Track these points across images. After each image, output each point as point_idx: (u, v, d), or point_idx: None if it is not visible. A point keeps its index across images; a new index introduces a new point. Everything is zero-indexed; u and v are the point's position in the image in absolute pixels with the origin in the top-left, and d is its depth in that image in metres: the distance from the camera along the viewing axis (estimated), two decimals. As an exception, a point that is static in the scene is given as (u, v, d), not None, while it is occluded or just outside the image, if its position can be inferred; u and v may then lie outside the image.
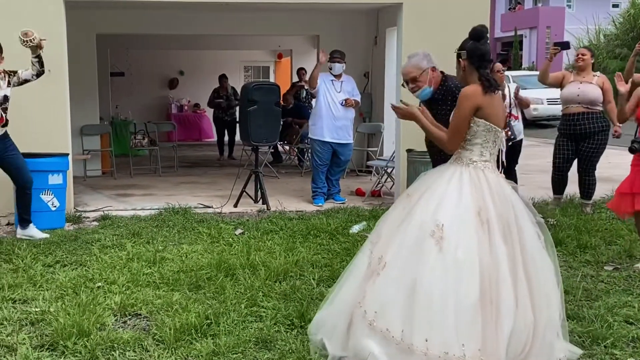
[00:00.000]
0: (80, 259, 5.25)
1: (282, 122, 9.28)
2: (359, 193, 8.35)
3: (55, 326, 3.76)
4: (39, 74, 5.91)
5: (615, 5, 32.18)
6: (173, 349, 3.57)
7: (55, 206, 6.43)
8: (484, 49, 3.44)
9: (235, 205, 7.45)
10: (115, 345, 3.60)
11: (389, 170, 8.35)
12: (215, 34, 11.90)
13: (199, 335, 3.72)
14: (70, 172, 6.94)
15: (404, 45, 7.32)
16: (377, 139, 9.93)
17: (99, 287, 4.56)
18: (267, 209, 7.28)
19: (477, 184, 3.27)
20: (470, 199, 3.21)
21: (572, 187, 7.36)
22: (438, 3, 7.53)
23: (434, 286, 3.07)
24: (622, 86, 5.56)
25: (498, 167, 3.48)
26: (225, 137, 12.86)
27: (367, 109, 10.28)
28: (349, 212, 7.01)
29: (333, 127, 7.74)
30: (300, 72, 12.44)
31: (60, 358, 3.49)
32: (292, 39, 13.65)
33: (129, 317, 4.08)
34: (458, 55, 3.49)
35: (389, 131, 9.39)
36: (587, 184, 7.05)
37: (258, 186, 7.57)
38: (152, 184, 9.40)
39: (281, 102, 8.46)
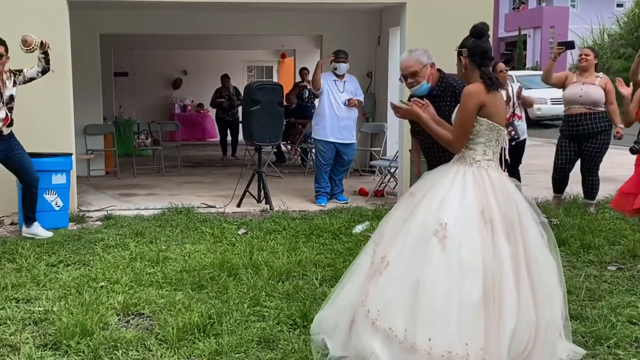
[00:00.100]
0: (83, 258, 5.27)
1: (285, 122, 9.28)
2: (362, 193, 8.35)
3: (59, 325, 3.77)
4: (45, 70, 5.93)
5: (619, 5, 32.11)
6: (176, 349, 3.57)
7: (58, 206, 6.44)
8: (486, 47, 3.41)
9: (238, 205, 7.45)
10: (118, 344, 3.60)
11: (392, 170, 8.35)
12: (219, 33, 11.91)
13: (201, 334, 3.72)
14: (74, 172, 6.95)
15: (407, 45, 7.30)
16: (381, 138, 9.93)
17: (102, 286, 4.57)
18: (270, 209, 7.28)
19: (481, 183, 3.26)
20: (474, 199, 3.20)
21: (576, 187, 7.34)
22: (441, 3, 7.52)
23: (437, 285, 3.06)
24: (624, 89, 5.54)
25: (501, 165, 3.47)
26: (228, 136, 12.87)
27: (371, 109, 10.28)
28: (352, 212, 7.01)
29: (336, 127, 7.73)
30: (303, 72, 12.44)
31: (64, 357, 3.50)
32: (295, 38, 13.66)
33: (132, 316, 4.09)
34: (459, 53, 3.46)
35: (392, 131, 9.39)
36: (591, 184, 7.04)
37: (261, 186, 7.58)
38: (155, 183, 9.41)
39: (284, 102, 8.47)
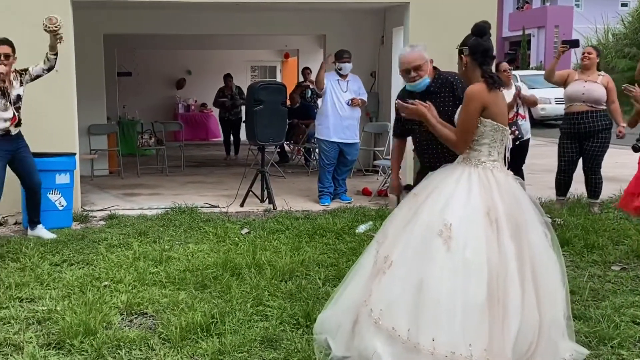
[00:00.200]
0: (87, 258, 5.27)
1: (288, 122, 9.27)
2: (365, 193, 8.34)
3: (62, 325, 3.78)
4: (51, 68, 5.94)
5: (624, 5, 32.01)
6: (179, 348, 3.57)
7: (62, 205, 6.46)
8: (487, 45, 3.38)
9: (241, 205, 7.46)
10: (122, 344, 3.61)
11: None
12: (222, 33, 11.92)
13: (204, 334, 3.72)
14: (78, 172, 6.97)
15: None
16: (384, 138, 9.91)
17: (105, 286, 4.58)
18: (274, 209, 7.28)
19: (486, 184, 3.25)
20: (479, 199, 3.19)
21: (579, 187, 7.32)
22: (445, 2, 7.51)
23: (442, 285, 3.05)
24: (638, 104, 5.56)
25: (504, 163, 3.45)
26: (231, 136, 12.87)
27: (374, 109, 10.27)
28: (356, 212, 7.00)
29: (339, 126, 7.73)
30: (305, 71, 12.43)
31: (67, 357, 3.51)
32: (298, 38, 13.66)
33: (135, 316, 4.09)
34: (460, 52, 3.43)
35: (395, 131, 9.36)
36: (594, 183, 7.02)
37: (264, 186, 7.58)
38: (158, 183, 9.43)
39: (288, 101, 8.46)
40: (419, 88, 3.95)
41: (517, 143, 6.72)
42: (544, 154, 10.95)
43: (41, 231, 6.02)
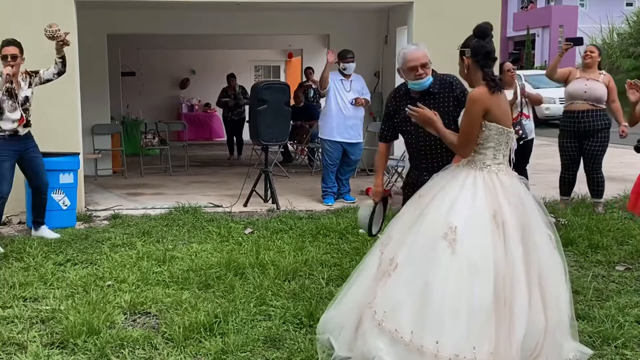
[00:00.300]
0: (90, 257, 5.28)
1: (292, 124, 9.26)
2: (369, 193, 8.31)
3: (66, 324, 3.78)
4: (61, 73, 5.96)
5: (629, 4, 31.97)
6: (182, 347, 3.58)
7: (66, 205, 6.47)
8: (489, 47, 3.35)
9: (245, 205, 7.46)
10: (125, 343, 3.61)
11: (399, 169, 8.33)
12: (226, 33, 11.92)
13: (208, 333, 3.72)
14: (81, 171, 6.98)
15: (415, 44, 7.29)
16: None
17: (109, 285, 4.58)
18: (277, 209, 7.28)
19: (492, 187, 3.23)
20: (485, 202, 3.18)
21: (583, 187, 7.30)
22: (449, 2, 7.50)
23: (446, 288, 3.05)
24: (634, 95, 5.50)
25: (509, 164, 3.44)
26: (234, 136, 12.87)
27: (378, 108, 10.24)
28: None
29: (343, 126, 7.72)
30: (308, 71, 12.42)
31: (70, 356, 3.51)
32: (302, 38, 13.65)
33: (139, 315, 4.10)
34: (462, 53, 3.41)
35: (399, 130, 9.35)
36: (596, 182, 7.00)
37: (268, 185, 7.58)
38: (162, 183, 9.43)
39: (292, 100, 8.46)
40: (423, 86, 3.93)
41: (521, 143, 6.70)
42: (548, 154, 10.92)
43: (45, 231, 6.03)
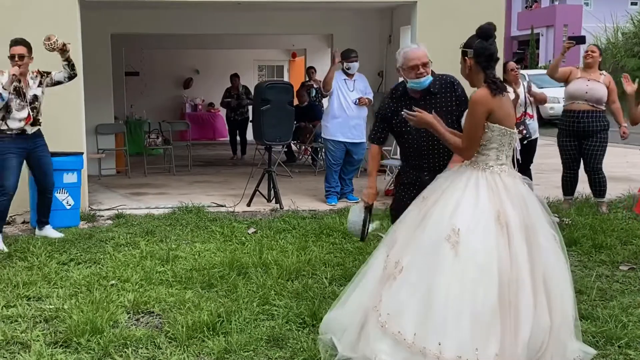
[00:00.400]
0: (94, 257, 5.29)
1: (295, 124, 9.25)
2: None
3: (69, 323, 3.79)
4: (72, 77, 5.98)
5: (633, 3, 31.85)
6: (185, 347, 3.58)
7: (70, 205, 6.48)
8: (492, 49, 3.32)
9: (248, 204, 7.46)
10: (128, 342, 3.62)
11: (402, 169, 8.31)
12: (230, 33, 11.92)
13: (211, 333, 3.73)
14: (85, 171, 6.99)
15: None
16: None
17: (112, 284, 4.59)
18: (280, 208, 7.28)
19: (495, 188, 3.23)
20: (488, 204, 3.17)
21: (587, 187, 7.28)
22: (452, 1, 7.49)
23: (449, 290, 3.04)
24: (630, 86, 5.48)
25: (513, 166, 3.43)
26: (238, 136, 12.87)
27: (381, 108, 10.24)
28: (362, 211, 6.98)
29: (346, 126, 7.72)
30: (310, 71, 12.41)
31: (74, 355, 3.52)
32: (306, 38, 13.65)
33: (142, 314, 4.11)
34: (464, 53, 3.38)
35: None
36: (598, 182, 6.97)
37: (271, 185, 7.58)
38: (166, 182, 9.44)
39: (295, 100, 8.45)
40: (423, 85, 3.93)
41: (524, 142, 6.68)
42: (552, 154, 10.86)
43: (49, 231, 6.05)
